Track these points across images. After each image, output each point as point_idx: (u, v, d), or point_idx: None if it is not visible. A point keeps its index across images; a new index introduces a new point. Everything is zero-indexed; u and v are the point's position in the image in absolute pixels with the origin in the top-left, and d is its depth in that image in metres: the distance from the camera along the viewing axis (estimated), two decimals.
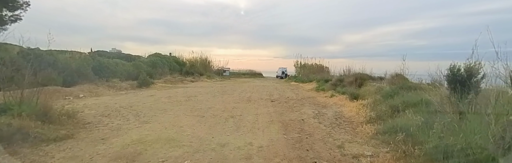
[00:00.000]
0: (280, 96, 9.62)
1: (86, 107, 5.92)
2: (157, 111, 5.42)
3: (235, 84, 17.22)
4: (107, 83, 10.98)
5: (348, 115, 5.59)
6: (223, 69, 30.28)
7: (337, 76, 14.36)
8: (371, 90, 8.11)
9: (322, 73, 22.07)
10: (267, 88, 13.69)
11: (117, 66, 14.38)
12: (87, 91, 8.94)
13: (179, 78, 18.16)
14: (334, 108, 6.59)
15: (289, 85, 17.80)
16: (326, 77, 16.20)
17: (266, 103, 7.34)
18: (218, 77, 25.14)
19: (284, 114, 5.58)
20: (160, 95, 8.91)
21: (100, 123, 4.26)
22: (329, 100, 8.12)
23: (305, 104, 7.46)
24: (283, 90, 12.58)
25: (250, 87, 14.73)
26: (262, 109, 6.19)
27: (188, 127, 4.08)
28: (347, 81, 11.25)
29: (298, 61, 26.26)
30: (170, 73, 21.68)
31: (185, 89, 11.63)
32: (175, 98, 8.04)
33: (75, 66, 10.26)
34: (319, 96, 9.78)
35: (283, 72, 34.38)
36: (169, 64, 23.56)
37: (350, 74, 13.09)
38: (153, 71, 19.43)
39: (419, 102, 4.82)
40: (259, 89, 12.77)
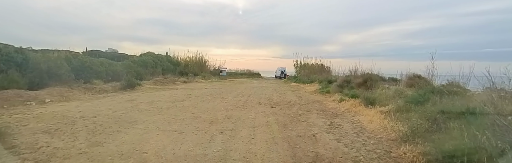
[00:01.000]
0: (281, 100, 8.41)
1: (38, 117, 4.66)
2: (124, 124, 4.17)
3: (231, 85, 15.98)
4: (85, 85, 9.71)
5: (371, 128, 4.39)
6: (220, 69, 29.03)
7: (342, 76, 13.20)
8: (388, 94, 6.93)
9: (324, 73, 20.94)
10: (266, 90, 12.48)
11: (101, 66, 13.11)
12: (56, 95, 7.66)
13: (171, 78, 16.90)
14: (348, 117, 5.39)
15: (289, 86, 16.60)
16: (329, 78, 15.04)
17: (265, 110, 6.13)
18: (214, 78, 23.89)
19: (288, 127, 4.37)
20: (141, 99, 7.65)
21: (32, 145, 3.01)
22: (340, 106, 6.92)
23: (311, 110, 6.26)
24: (284, 92, 11.38)
25: (248, 88, 13.51)
26: (260, 119, 4.97)
27: (154, 153, 2.85)
28: (356, 82, 10.07)
29: (298, 60, 25.13)
30: (163, 73, 20.49)
31: (174, 92, 10.38)
32: (157, 103, 6.79)
33: (46, 66, 8.96)
34: (326, 100, 8.58)
35: (282, 72, 33.22)
36: (162, 64, 22.32)
37: (357, 75, 11.94)
38: (144, 71, 18.25)
39: (466, 112, 3.65)
40: (257, 91, 11.56)
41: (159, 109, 5.74)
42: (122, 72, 15.00)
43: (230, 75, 31.87)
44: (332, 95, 9.40)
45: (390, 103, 6.14)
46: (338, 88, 10.59)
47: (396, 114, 4.94)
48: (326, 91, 10.46)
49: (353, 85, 10.23)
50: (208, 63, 28.22)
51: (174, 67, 23.31)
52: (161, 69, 21.61)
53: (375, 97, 6.68)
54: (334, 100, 8.05)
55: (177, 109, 5.83)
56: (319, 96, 9.95)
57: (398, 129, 4.06)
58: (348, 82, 10.81)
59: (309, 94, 10.78)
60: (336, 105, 7.09)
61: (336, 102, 7.64)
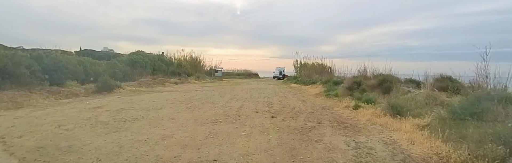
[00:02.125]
0: (283, 105, 7.01)
1: None
2: (46, 156, 2.73)
3: (226, 87, 14.55)
4: (51, 88, 8.23)
5: (417, 154, 3.00)
6: (215, 69, 27.56)
7: (349, 77, 11.83)
8: (417, 100, 5.55)
9: (325, 73, 19.59)
10: (265, 92, 11.07)
11: (80, 65, 11.62)
12: (7, 101, 6.19)
13: (161, 79, 15.42)
14: (376, 134, 3.99)
15: (289, 88, 15.21)
16: (334, 79, 13.67)
17: (263, 122, 4.71)
18: (209, 78, 22.42)
19: (298, 153, 2.96)
20: (111, 106, 6.20)
21: None
22: (357, 115, 5.52)
23: (323, 121, 4.86)
24: (285, 95, 9.98)
25: (244, 90, 12.09)
26: (257, 139, 3.55)
27: None
28: (369, 84, 8.70)
29: (297, 60, 23.72)
30: (154, 73, 19.05)
31: (157, 95, 8.92)
32: (126, 112, 5.35)
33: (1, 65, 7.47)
34: (336, 105, 7.18)
35: (281, 72, 31.86)
36: (154, 63, 20.84)
37: (367, 75, 10.58)
38: (132, 71, 16.83)
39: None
40: (254, 94, 10.14)
41: (122, 123, 4.29)
42: (106, 72, 13.62)
43: (226, 76, 30.41)
44: (342, 100, 8.02)
45: (424, 112, 4.77)
46: (347, 91, 9.22)
47: (443, 130, 3.57)
48: (333, 94, 9.07)
49: (365, 88, 8.86)
50: (204, 63, 26.78)
51: (166, 67, 21.85)
52: (152, 69, 20.20)
53: (402, 104, 5.30)
54: (347, 106, 6.66)
55: (146, 122, 4.38)
56: (326, 100, 8.55)
57: (463, 160, 2.68)
58: (358, 84, 9.43)
59: (313, 98, 9.39)
60: (352, 114, 5.70)
61: (350, 109, 6.25)
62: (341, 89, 9.68)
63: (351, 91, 9.24)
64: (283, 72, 31.78)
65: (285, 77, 29.75)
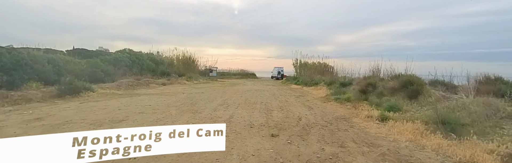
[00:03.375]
0: (285, 114, 5.48)
1: None
2: None
3: (219, 89, 12.99)
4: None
5: None
6: (210, 69, 25.97)
7: (359, 78, 10.37)
8: (473, 111, 4.06)
9: (328, 73, 18.13)
10: (262, 96, 9.55)
11: (49, 64, 10.03)
12: None
13: (146, 80, 13.82)
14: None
15: (290, 90, 13.70)
16: (340, 80, 12.20)
17: (259, 148, 3.18)
18: (202, 78, 20.82)
19: None
20: (55, 117, 4.61)
21: None
22: (390, 131, 4.01)
23: (346, 143, 3.35)
24: (286, 99, 8.47)
25: (238, 93, 10.55)
26: None
27: None
28: (388, 86, 7.22)
29: (297, 59, 22.23)
30: (141, 73, 17.46)
31: (130, 100, 7.33)
32: (66, 129, 3.79)
33: None
34: (354, 114, 5.65)
35: (279, 72, 30.40)
36: (142, 62, 19.23)
37: (381, 76, 9.12)
38: (116, 71, 15.24)
39: None
40: (249, 98, 8.61)
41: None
42: (84, 72, 12.05)
43: (222, 76, 28.84)
44: (357, 106, 6.53)
45: (490, 130, 3.29)
46: (360, 95, 7.74)
47: None
48: (345, 98, 7.57)
49: (383, 91, 7.39)
50: (198, 62, 25.17)
51: (156, 66, 20.26)
52: (140, 69, 18.60)
53: (452, 116, 3.81)
54: (369, 116, 5.14)
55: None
56: (338, 106, 7.04)
57: None
58: (373, 86, 7.96)
59: (320, 103, 7.88)
60: (382, 129, 4.18)
61: (375, 122, 4.74)
62: (354, 93, 8.19)
63: (365, 94, 7.77)
64: (281, 72, 30.33)
65: (284, 77, 28.30)
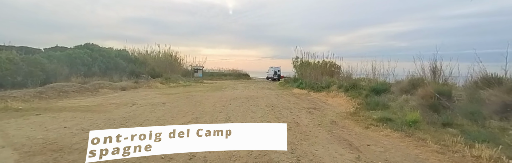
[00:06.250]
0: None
1: None
2: None
3: (196, 96, 9.36)
4: None
5: None
6: (195, 68, 22.29)
7: (404, 82, 6.95)
8: None
9: (335, 74, 14.74)
10: (255, 110, 5.98)
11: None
12: None
13: (97, 83, 10.06)
14: None
15: (294, 96, 10.14)
16: (371, 84, 8.77)
17: None
18: (184, 80, 17.06)
19: None
20: None
21: None
22: None
23: None
24: (296, 121, 4.91)
25: (220, 104, 6.96)
26: None
27: None
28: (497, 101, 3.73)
29: (298, 57, 18.73)
30: (106, 73, 13.87)
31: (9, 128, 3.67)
32: None
33: None
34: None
35: (276, 72, 26.95)
36: (106, 60, 15.48)
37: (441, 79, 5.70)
38: (65, 70, 11.65)
39: None
40: (233, 116, 5.05)
41: None
42: (18, 72, 8.82)
43: (210, 76, 25.18)
44: (441, 140, 3.04)
45: None
46: (430, 114, 4.29)
47: None
48: (408, 122, 4.07)
49: (479, 109, 3.95)
50: (182, 61, 21.44)
51: (128, 65, 16.58)
52: (105, 68, 14.95)
53: None
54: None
55: None
56: (400, 140, 3.52)
57: None
58: (449, 99, 4.51)
59: (359, 128, 4.35)
60: None
61: None
62: (406, 105, 4.72)
63: (438, 114, 4.32)
64: (278, 73, 26.88)
65: (281, 78, 24.86)
